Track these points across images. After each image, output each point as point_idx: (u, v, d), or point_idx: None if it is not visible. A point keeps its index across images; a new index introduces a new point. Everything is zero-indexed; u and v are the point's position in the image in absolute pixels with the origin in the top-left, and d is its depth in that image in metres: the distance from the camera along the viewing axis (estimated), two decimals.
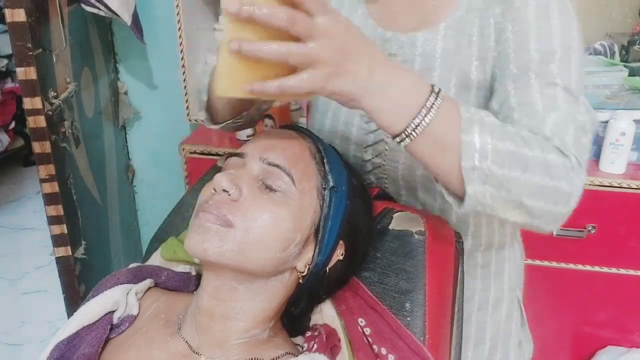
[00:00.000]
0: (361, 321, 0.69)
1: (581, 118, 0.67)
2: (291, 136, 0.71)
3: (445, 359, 0.73)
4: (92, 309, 0.68)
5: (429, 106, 0.59)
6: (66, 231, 1.54)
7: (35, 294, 2.43)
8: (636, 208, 1.43)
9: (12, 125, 3.35)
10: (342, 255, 0.69)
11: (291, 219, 0.63)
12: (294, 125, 0.76)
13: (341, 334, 0.67)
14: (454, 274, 0.77)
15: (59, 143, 1.50)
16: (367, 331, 0.68)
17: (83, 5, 1.66)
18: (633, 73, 1.62)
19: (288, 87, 0.54)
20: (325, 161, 0.69)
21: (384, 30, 0.83)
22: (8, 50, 2.89)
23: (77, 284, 1.62)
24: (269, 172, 0.65)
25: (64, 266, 1.59)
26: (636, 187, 1.41)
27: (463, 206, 0.62)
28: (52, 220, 1.52)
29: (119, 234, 2.04)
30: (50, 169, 1.46)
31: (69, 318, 0.70)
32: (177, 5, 1.65)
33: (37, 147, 1.44)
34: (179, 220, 0.89)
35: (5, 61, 3.13)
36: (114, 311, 0.69)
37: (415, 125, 0.59)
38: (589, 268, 1.52)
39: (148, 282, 0.74)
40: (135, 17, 1.76)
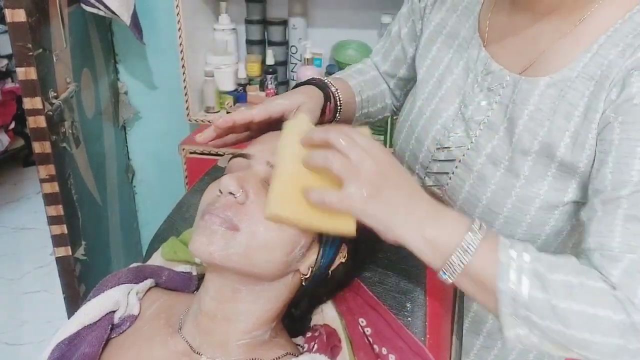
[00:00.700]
0: (362, 321, 0.69)
1: None
2: None
3: (445, 359, 0.73)
4: (93, 309, 0.68)
5: (466, 248, 0.57)
6: (66, 231, 1.54)
7: (35, 294, 2.43)
8: None
9: (12, 125, 3.35)
10: (345, 257, 0.69)
11: None
12: None
13: (342, 334, 0.67)
14: None
15: (59, 143, 1.51)
16: (368, 331, 0.68)
17: (83, 5, 1.66)
18: None
19: (329, 199, 0.57)
20: None
21: (490, 57, 0.75)
22: (8, 50, 2.89)
23: (77, 284, 1.62)
24: None
25: (64, 266, 1.60)
26: None
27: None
28: (52, 221, 1.52)
29: (119, 234, 2.04)
30: (51, 169, 1.46)
31: (69, 318, 0.69)
32: (177, 5, 1.65)
33: (37, 147, 1.44)
34: (179, 220, 0.89)
35: (5, 61, 3.12)
36: (114, 311, 0.69)
37: (452, 264, 0.58)
38: None
39: (149, 282, 0.74)
40: (135, 17, 1.76)
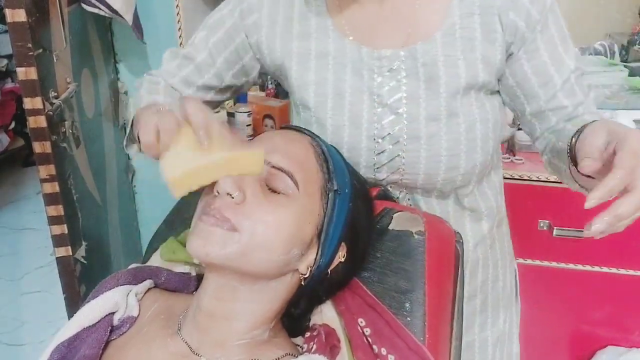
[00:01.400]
0: (361, 321, 0.69)
1: None
2: (294, 138, 0.70)
3: (445, 358, 0.73)
4: (92, 310, 0.68)
5: None
6: (66, 231, 1.54)
7: (35, 294, 2.43)
8: None
9: (12, 125, 3.36)
10: (343, 257, 0.69)
11: (295, 222, 0.63)
12: (296, 127, 0.76)
13: (341, 334, 0.67)
14: (453, 273, 0.77)
15: (59, 143, 1.51)
16: (367, 331, 0.68)
17: (83, 5, 1.66)
18: (633, 73, 1.62)
19: (625, 209, 0.57)
20: (328, 163, 0.69)
21: (372, 49, 0.81)
22: (8, 50, 2.89)
23: (77, 285, 1.62)
24: (273, 174, 0.65)
25: (64, 266, 1.59)
26: None
27: None
28: (53, 221, 1.52)
29: (119, 234, 2.04)
30: (51, 169, 1.46)
31: (69, 318, 0.69)
32: (177, 5, 1.65)
33: (37, 147, 1.44)
34: (178, 221, 0.89)
35: (5, 61, 3.13)
36: (114, 312, 0.69)
37: None
38: (588, 268, 1.52)
39: (148, 283, 0.74)
40: (136, 17, 1.76)
